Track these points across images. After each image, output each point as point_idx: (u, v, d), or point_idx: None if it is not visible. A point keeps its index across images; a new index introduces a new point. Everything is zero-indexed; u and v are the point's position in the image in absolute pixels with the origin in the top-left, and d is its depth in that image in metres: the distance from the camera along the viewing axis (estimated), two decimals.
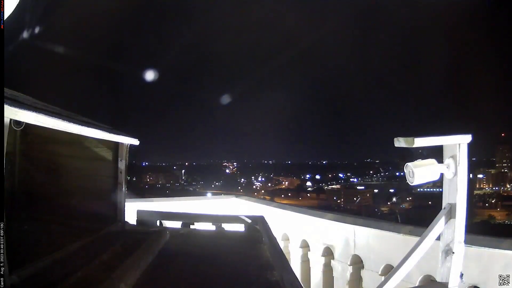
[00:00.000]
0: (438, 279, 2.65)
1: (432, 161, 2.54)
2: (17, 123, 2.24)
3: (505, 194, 68.14)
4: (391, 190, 72.93)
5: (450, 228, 2.58)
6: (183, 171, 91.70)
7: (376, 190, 74.75)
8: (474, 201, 62.38)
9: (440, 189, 2.72)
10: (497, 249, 3.22)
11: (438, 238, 2.64)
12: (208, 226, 4.38)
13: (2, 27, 1.84)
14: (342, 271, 5.04)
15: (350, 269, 4.89)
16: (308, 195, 77.48)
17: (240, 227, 4.26)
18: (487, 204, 65.71)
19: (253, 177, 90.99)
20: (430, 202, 58.43)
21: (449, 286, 2.54)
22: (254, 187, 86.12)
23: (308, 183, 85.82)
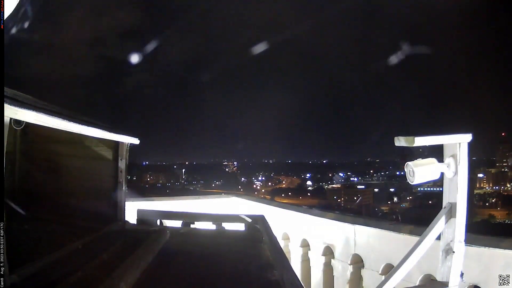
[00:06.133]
0: (439, 279, 2.65)
1: (433, 160, 2.54)
2: (17, 122, 2.24)
3: (506, 193, 68.11)
4: (392, 190, 72.92)
5: (451, 227, 2.58)
6: (183, 170, 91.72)
7: (376, 190, 74.69)
8: (475, 201, 62.39)
9: (441, 189, 2.72)
10: (497, 249, 3.22)
11: (439, 238, 2.64)
12: (209, 226, 4.38)
13: (2, 27, 1.83)
14: (342, 270, 5.04)
15: (350, 268, 4.88)
16: (309, 194, 77.45)
17: (240, 227, 4.26)
18: (487, 204, 65.70)
19: (253, 177, 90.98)
20: (430, 202, 58.46)
21: (449, 286, 2.54)
22: (255, 186, 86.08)
23: (309, 182, 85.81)
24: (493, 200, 66.47)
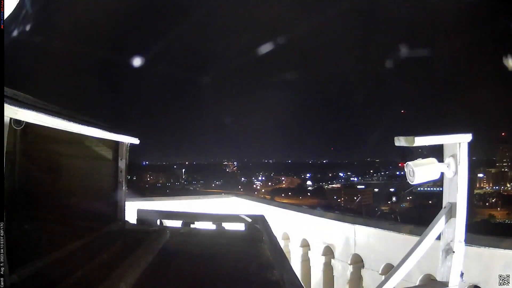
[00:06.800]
0: (439, 279, 2.65)
1: (433, 160, 2.54)
2: (17, 122, 2.24)
3: (506, 193, 68.12)
4: (392, 190, 72.96)
5: (451, 227, 2.58)
6: (183, 170, 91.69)
7: (376, 190, 74.72)
8: (475, 201, 62.41)
9: (441, 188, 2.72)
10: (497, 249, 3.22)
11: (439, 238, 2.64)
12: (209, 225, 4.38)
13: (2, 27, 1.83)
14: (342, 270, 5.04)
15: (350, 268, 4.89)
16: (309, 194, 77.46)
17: (240, 226, 4.26)
18: (487, 204, 65.73)
19: (253, 177, 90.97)
20: (430, 202, 58.50)
21: (449, 286, 2.54)
22: (255, 186, 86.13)
23: (309, 182, 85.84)
24: (493, 200, 66.49)
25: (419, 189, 64.41)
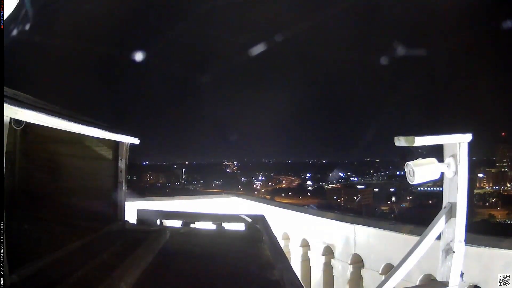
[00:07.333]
0: (439, 278, 2.65)
1: (433, 160, 2.54)
2: (17, 122, 2.25)
3: (506, 193, 68.10)
4: (392, 189, 72.91)
5: (451, 227, 2.58)
6: (183, 170, 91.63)
7: (376, 189, 74.67)
8: (475, 201, 62.39)
9: (441, 188, 2.72)
10: (497, 249, 3.22)
11: (439, 238, 2.64)
12: (209, 225, 4.39)
13: (2, 27, 1.84)
14: (342, 270, 5.04)
15: (350, 268, 4.89)
16: (309, 194, 77.44)
17: (240, 226, 4.26)
18: (487, 203, 65.71)
19: (253, 177, 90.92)
20: (430, 201, 58.48)
21: (449, 285, 2.54)
22: (255, 186, 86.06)
23: (309, 182, 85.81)
24: (493, 200, 66.45)
25: (419, 189, 64.39)
